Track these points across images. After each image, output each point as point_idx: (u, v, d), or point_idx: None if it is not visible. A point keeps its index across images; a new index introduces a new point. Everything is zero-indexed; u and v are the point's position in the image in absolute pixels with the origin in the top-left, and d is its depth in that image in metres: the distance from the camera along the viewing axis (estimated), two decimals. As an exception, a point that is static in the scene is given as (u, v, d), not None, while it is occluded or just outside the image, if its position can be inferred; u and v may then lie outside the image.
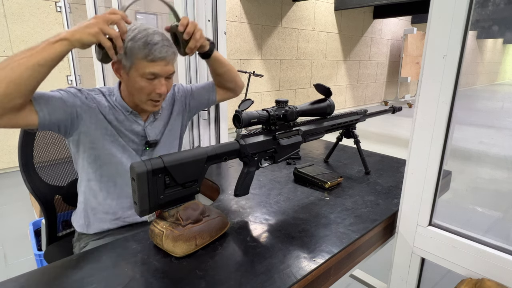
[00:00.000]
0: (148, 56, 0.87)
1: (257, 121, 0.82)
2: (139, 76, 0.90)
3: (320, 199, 0.96)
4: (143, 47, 0.86)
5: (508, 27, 9.70)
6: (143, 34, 0.88)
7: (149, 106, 0.95)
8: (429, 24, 0.74)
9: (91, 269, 0.65)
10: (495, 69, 14.37)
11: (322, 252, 0.71)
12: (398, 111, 1.28)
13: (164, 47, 0.89)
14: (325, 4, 6.02)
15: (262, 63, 5.22)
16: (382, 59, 8.01)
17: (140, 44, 0.87)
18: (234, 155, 0.80)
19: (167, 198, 0.68)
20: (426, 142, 0.80)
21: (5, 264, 1.87)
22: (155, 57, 0.87)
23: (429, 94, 0.77)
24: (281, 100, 0.87)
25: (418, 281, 0.94)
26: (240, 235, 0.77)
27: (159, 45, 0.88)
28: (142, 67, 0.88)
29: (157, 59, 0.88)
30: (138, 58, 0.87)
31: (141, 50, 0.87)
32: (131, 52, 0.87)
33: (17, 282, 0.62)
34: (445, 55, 0.73)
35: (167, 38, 0.91)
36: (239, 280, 0.62)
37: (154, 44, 0.87)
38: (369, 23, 7.21)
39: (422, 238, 0.87)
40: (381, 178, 1.13)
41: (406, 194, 0.87)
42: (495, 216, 2.43)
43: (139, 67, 0.88)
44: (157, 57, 0.88)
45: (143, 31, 0.88)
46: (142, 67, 0.88)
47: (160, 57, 0.88)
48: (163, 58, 0.89)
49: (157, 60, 0.88)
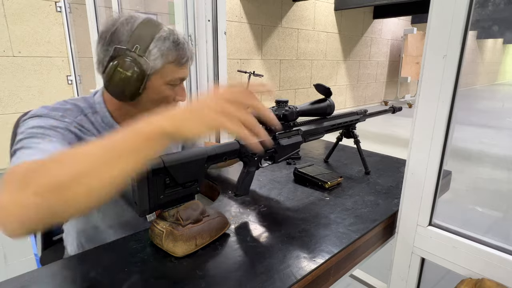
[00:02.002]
0: (181, 58, 0.75)
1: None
2: (165, 84, 0.76)
3: (320, 199, 0.96)
4: (174, 49, 0.74)
5: (508, 27, 9.70)
6: (167, 32, 0.74)
7: None
8: (429, 24, 0.74)
9: (91, 269, 0.65)
10: (495, 69, 14.37)
11: (322, 252, 0.71)
12: (398, 111, 1.28)
13: (188, 47, 0.78)
14: (325, 4, 6.02)
15: (262, 63, 5.22)
16: (382, 59, 8.01)
17: (170, 45, 0.73)
18: (234, 155, 0.80)
19: (167, 198, 0.68)
20: (426, 142, 0.80)
21: (5, 264, 1.87)
22: (185, 60, 0.76)
23: (429, 94, 0.77)
24: (281, 100, 0.87)
25: (418, 281, 0.94)
26: (240, 235, 0.77)
27: (186, 44, 0.77)
28: (171, 72, 0.75)
29: (185, 62, 0.77)
30: (168, 62, 0.74)
31: (172, 52, 0.74)
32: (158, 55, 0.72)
33: (17, 282, 0.62)
34: (445, 55, 0.73)
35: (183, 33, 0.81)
36: (239, 280, 0.62)
37: (183, 43, 0.75)
38: (369, 23, 7.21)
39: (422, 238, 0.87)
40: (381, 178, 1.13)
41: (406, 194, 0.87)
42: (495, 216, 2.44)
43: (167, 73, 0.75)
44: (186, 60, 0.77)
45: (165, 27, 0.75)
46: (171, 73, 0.75)
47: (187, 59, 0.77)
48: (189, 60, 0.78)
49: (186, 63, 0.77)
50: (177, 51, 0.74)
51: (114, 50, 0.71)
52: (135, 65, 0.70)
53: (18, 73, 2.91)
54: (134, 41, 0.71)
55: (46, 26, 3.01)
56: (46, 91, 3.08)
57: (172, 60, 0.74)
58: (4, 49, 2.84)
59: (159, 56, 0.72)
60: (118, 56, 0.71)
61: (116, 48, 0.71)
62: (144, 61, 0.71)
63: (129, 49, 0.71)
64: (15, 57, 2.88)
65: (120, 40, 0.71)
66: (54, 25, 3.05)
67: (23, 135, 0.64)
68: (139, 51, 0.71)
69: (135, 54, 0.71)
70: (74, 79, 3.23)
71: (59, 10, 3.06)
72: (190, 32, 1.42)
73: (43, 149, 0.60)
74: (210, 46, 1.45)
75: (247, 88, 0.54)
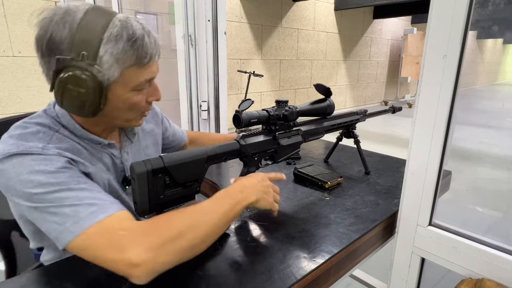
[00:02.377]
0: (142, 58, 0.62)
1: (257, 121, 0.82)
2: (130, 90, 0.64)
3: (320, 199, 0.96)
4: (131, 49, 0.60)
5: (508, 27, 9.70)
6: (118, 27, 0.59)
7: (139, 121, 0.73)
8: (429, 24, 0.74)
9: (91, 269, 0.65)
10: (495, 69, 14.37)
11: (322, 252, 0.71)
12: (398, 111, 1.28)
13: (150, 39, 0.63)
14: (325, 4, 6.02)
15: (262, 63, 5.22)
16: (382, 59, 8.01)
17: (125, 45, 0.59)
18: (234, 155, 0.80)
19: (167, 198, 0.68)
20: (426, 142, 0.80)
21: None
22: (148, 59, 0.63)
23: (429, 94, 0.77)
24: (281, 100, 0.87)
25: (418, 281, 0.94)
26: (240, 235, 0.77)
27: (146, 38, 0.62)
28: (134, 76, 0.63)
29: (149, 61, 0.64)
30: (127, 66, 0.61)
31: (129, 53, 0.60)
32: (112, 61, 0.59)
33: (17, 282, 0.62)
34: (445, 55, 0.73)
35: (141, 22, 0.63)
36: (239, 280, 0.62)
37: (141, 39, 0.61)
38: (369, 23, 7.21)
39: (422, 238, 0.87)
40: (381, 178, 1.13)
41: (406, 194, 0.87)
42: (495, 216, 2.44)
43: (129, 79, 0.63)
44: (150, 58, 0.64)
45: (118, 22, 0.59)
46: (134, 77, 0.63)
47: (152, 57, 0.64)
48: (154, 57, 0.65)
49: (151, 61, 0.64)
50: (135, 51, 0.60)
51: (57, 62, 0.57)
52: (87, 78, 0.57)
53: (18, 73, 2.91)
54: (78, 47, 0.57)
55: (46, 26, 3.01)
56: (46, 91, 3.06)
57: (132, 63, 0.61)
58: (4, 49, 2.84)
59: (114, 62, 0.59)
60: (63, 69, 0.58)
61: (58, 60, 0.57)
62: (96, 70, 0.58)
63: (74, 58, 0.57)
64: (15, 57, 2.88)
65: (61, 49, 0.57)
66: (54, 25, 3.05)
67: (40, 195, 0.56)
68: (87, 59, 0.57)
69: (84, 64, 0.57)
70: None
71: (59, 10, 3.05)
72: (190, 32, 1.42)
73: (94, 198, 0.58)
74: (210, 46, 1.45)
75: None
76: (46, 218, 0.56)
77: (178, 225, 0.57)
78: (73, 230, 0.54)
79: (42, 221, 0.57)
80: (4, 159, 0.57)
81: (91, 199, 0.57)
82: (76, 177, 0.60)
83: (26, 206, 0.57)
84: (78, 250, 0.56)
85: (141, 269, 0.51)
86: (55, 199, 0.56)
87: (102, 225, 0.55)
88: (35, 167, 0.57)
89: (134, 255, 0.51)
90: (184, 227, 0.57)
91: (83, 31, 0.57)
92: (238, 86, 4.87)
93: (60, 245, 0.56)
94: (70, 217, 0.55)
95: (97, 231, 0.54)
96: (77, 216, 0.55)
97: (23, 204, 0.58)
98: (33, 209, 0.57)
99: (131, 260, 0.51)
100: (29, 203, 0.57)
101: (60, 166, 0.59)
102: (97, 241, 0.54)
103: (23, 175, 0.56)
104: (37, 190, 0.56)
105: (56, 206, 0.56)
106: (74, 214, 0.55)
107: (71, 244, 0.55)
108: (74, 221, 0.55)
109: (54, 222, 0.56)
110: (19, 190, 0.57)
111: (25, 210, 0.58)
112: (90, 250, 0.54)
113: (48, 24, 0.58)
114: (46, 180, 0.57)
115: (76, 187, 0.58)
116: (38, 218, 0.58)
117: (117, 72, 0.60)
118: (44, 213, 0.56)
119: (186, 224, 0.57)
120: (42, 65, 0.62)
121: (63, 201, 0.56)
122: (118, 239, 0.53)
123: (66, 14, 0.58)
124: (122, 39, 0.59)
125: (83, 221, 0.55)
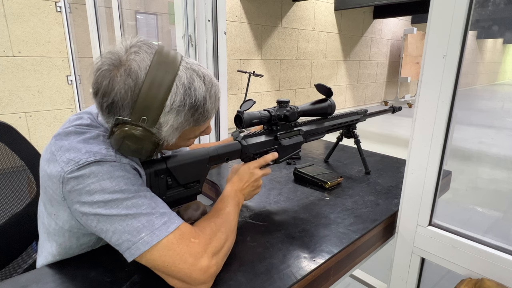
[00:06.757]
0: (201, 122, 0.65)
1: (258, 122, 0.82)
2: (185, 140, 0.69)
3: (320, 199, 0.96)
4: (191, 117, 0.62)
5: (508, 27, 9.70)
6: (183, 93, 0.59)
7: None
8: (429, 24, 0.74)
9: (91, 269, 0.65)
10: (495, 69, 14.37)
11: (322, 252, 0.71)
12: (398, 111, 1.28)
13: (213, 99, 0.66)
14: (325, 4, 6.02)
15: (262, 63, 5.22)
16: (382, 59, 8.00)
17: (187, 115, 0.61)
18: (236, 156, 0.80)
19: (169, 199, 0.68)
20: (426, 142, 0.80)
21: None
22: (207, 118, 0.66)
23: (429, 94, 0.77)
24: (282, 100, 0.87)
25: (418, 281, 0.94)
26: (240, 235, 0.78)
27: (208, 103, 0.64)
28: (190, 132, 0.67)
29: (208, 118, 0.67)
30: (185, 128, 0.64)
31: (189, 120, 0.62)
32: (172, 130, 0.61)
33: (17, 282, 0.62)
34: (445, 55, 0.73)
35: (203, 72, 0.65)
36: (239, 280, 0.62)
37: (203, 105, 0.63)
38: (369, 23, 7.21)
39: (422, 238, 0.87)
40: (381, 178, 1.13)
41: (406, 194, 0.88)
42: (495, 216, 2.44)
43: (185, 134, 0.66)
44: (209, 118, 0.67)
45: (181, 85, 0.59)
46: (191, 133, 0.67)
47: (212, 115, 0.68)
48: (213, 114, 0.69)
49: (209, 119, 0.68)
50: (195, 118, 0.62)
51: (116, 120, 0.58)
52: (145, 138, 0.58)
53: (18, 73, 2.91)
54: (140, 113, 0.57)
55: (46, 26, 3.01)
56: (46, 91, 3.08)
57: (191, 126, 0.64)
58: (4, 49, 2.84)
59: (173, 130, 0.61)
60: (122, 125, 0.58)
61: (118, 119, 0.58)
62: (155, 132, 0.59)
63: (134, 122, 0.57)
64: (15, 57, 2.88)
65: (121, 112, 0.58)
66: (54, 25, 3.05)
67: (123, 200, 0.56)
68: (147, 123, 0.57)
69: (144, 127, 0.58)
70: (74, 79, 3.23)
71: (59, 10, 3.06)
72: (190, 32, 1.42)
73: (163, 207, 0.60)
74: (210, 46, 1.45)
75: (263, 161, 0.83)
76: (118, 228, 0.55)
77: (223, 230, 0.65)
78: (148, 240, 0.55)
79: (112, 232, 0.56)
80: (85, 166, 0.56)
81: (161, 208, 0.59)
82: (144, 185, 0.62)
83: (96, 215, 0.56)
84: (150, 260, 0.56)
85: (210, 274, 0.58)
86: (133, 205, 0.56)
87: (176, 235, 0.57)
88: (115, 173, 0.57)
89: (206, 261, 0.58)
90: (227, 232, 0.66)
91: (144, 96, 0.56)
92: (238, 86, 4.87)
93: (130, 256, 0.55)
94: (145, 227, 0.55)
95: (172, 241, 0.56)
96: (152, 226, 0.56)
97: (94, 213, 0.56)
98: (104, 218, 0.56)
99: (203, 266, 0.57)
100: (103, 210, 0.55)
101: (134, 174, 0.60)
102: (174, 250, 0.56)
103: (104, 181, 0.56)
104: (116, 196, 0.56)
105: (133, 214, 0.56)
106: (149, 224, 0.56)
107: (145, 254, 0.55)
108: (150, 230, 0.55)
109: (127, 232, 0.55)
110: (94, 196, 0.56)
111: (91, 220, 0.57)
112: (165, 260, 0.56)
113: (109, 84, 0.57)
114: (125, 186, 0.57)
115: (148, 194, 0.59)
116: (108, 229, 0.56)
117: (175, 137, 0.63)
118: (117, 222, 0.55)
119: (227, 229, 0.66)
120: (101, 114, 0.61)
121: (139, 208, 0.56)
122: (193, 248, 0.58)
123: (127, 77, 0.56)
124: (184, 109, 0.59)
125: (158, 231, 0.56)
